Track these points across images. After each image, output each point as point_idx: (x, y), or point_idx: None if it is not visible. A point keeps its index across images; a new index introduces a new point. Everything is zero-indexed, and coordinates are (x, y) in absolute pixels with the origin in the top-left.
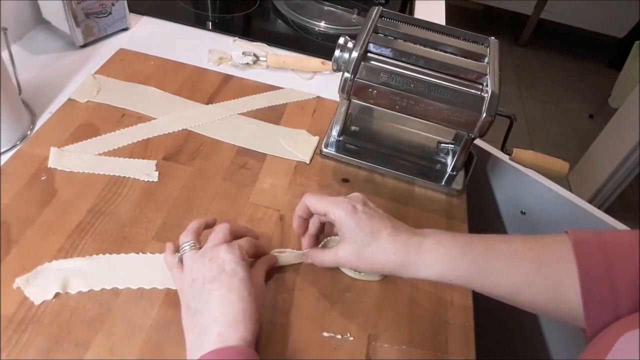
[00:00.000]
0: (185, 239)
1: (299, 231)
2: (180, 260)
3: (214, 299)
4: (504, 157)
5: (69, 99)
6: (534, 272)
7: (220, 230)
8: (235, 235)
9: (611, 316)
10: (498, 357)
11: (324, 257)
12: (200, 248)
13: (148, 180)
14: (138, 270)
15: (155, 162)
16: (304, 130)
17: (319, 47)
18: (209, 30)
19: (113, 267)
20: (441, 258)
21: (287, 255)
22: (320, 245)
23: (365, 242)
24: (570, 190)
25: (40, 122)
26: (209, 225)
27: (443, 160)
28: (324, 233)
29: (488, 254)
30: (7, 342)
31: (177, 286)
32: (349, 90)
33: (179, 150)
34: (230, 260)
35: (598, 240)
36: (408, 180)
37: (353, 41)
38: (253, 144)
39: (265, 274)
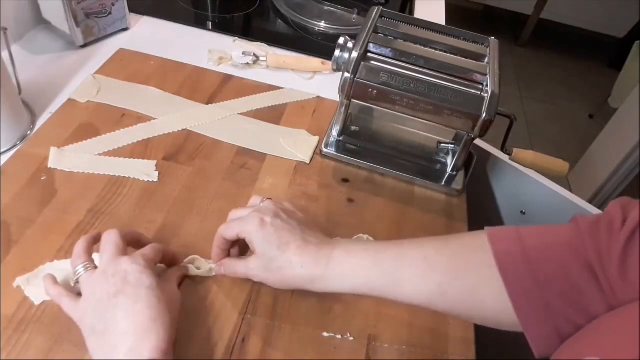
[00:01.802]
0: (78, 262)
1: (215, 260)
2: (75, 286)
3: (120, 313)
4: (504, 157)
5: (69, 99)
6: (447, 280)
7: (109, 241)
8: (128, 240)
9: (542, 310)
10: (498, 357)
11: (236, 267)
12: (96, 267)
13: (148, 180)
14: None
15: (155, 162)
16: (304, 130)
17: (319, 47)
18: (209, 30)
19: None
20: (351, 271)
21: (199, 266)
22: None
23: (274, 256)
24: (570, 190)
25: (40, 122)
26: (97, 240)
27: (443, 160)
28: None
29: (398, 263)
30: (7, 342)
31: (75, 316)
32: (349, 90)
33: (179, 150)
34: (134, 270)
35: (516, 237)
36: (408, 180)
37: (353, 41)
38: (253, 144)
39: (179, 281)
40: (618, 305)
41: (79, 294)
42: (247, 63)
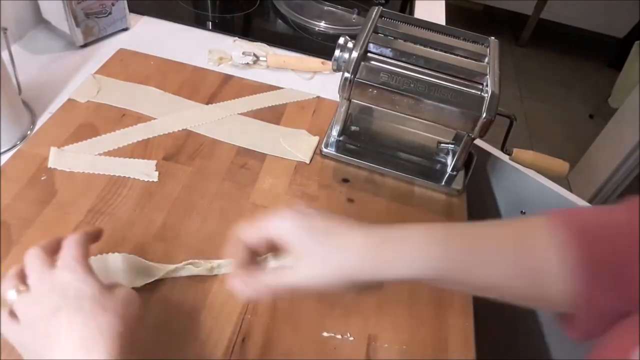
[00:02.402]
0: (9, 285)
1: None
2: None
3: (63, 330)
4: (504, 157)
5: (69, 99)
6: (515, 263)
7: (31, 257)
8: (50, 250)
9: (614, 303)
10: (498, 357)
11: (277, 280)
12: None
13: (148, 180)
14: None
15: (155, 162)
16: (304, 130)
17: (319, 47)
18: (209, 30)
19: (113, 266)
20: (410, 254)
21: (220, 265)
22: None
23: (323, 242)
24: (570, 190)
25: (40, 122)
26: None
27: (443, 160)
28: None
29: (468, 247)
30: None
31: (17, 342)
32: (349, 90)
33: (179, 150)
34: (73, 280)
35: (579, 214)
36: (408, 180)
37: (353, 41)
38: (253, 144)
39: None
40: None
41: None
42: (247, 63)
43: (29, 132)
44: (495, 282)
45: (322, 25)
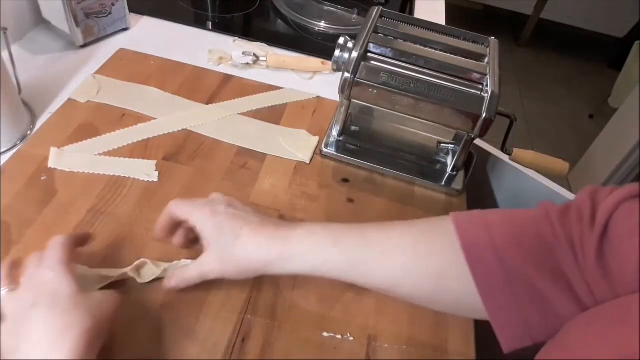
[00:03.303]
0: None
1: (159, 234)
2: None
3: (34, 326)
4: (504, 157)
5: (69, 99)
6: (411, 262)
7: (33, 258)
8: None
9: (510, 301)
10: (498, 357)
11: (187, 272)
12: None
13: (148, 180)
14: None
15: (155, 162)
16: (304, 130)
17: (319, 47)
18: (209, 30)
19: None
20: (310, 251)
21: (146, 272)
22: (178, 267)
23: (227, 242)
24: (570, 190)
25: (40, 122)
26: (19, 264)
27: (443, 160)
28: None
29: (361, 243)
30: None
31: (2, 341)
32: (349, 90)
33: (179, 150)
34: (52, 278)
35: (484, 225)
36: (408, 180)
37: (353, 41)
38: (253, 144)
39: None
40: (592, 298)
41: None
42: (247, 63)
43: (29, 132)
44: (394, 279)
45: (322, 25)
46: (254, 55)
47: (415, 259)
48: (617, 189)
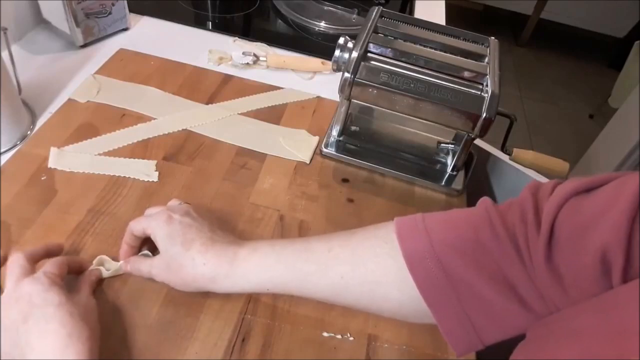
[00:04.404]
0: None
1: (121, 257)
2: None
3: (33, 337)
4: (504, 157)
5: (69, 99)
6: (350, 271)
7: (13, 263)
8: (36, 260)
9: (455, 307)
10: (498, 357)
11: (140, 265)
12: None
13: (148, 180)
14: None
15: (155, 162)
16: (304, 130)
17: (319, 47)
18: (209, 30)
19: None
20: (254, 268)
21: (109, 267)
22: (139, 254)
23: (176, 253)
24: None
25: (40, 122)
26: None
27: (443, 160)
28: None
29: (303, 257)
30: None
31: (3, 348)
32: (349, 90)
33: (179, 150)
34: (39, 290)
35: (424, 231)
36: (408, 180)
37: (353, 41)
38: (253, 144)
39: (93, 288)
40: (541, 302)
41: None
42: (247, 63)
43: (29, 132)
44: (336, 289)
45: (322, 25)
46: (254, 55)
47: (354, 268)
48: (559, 184)
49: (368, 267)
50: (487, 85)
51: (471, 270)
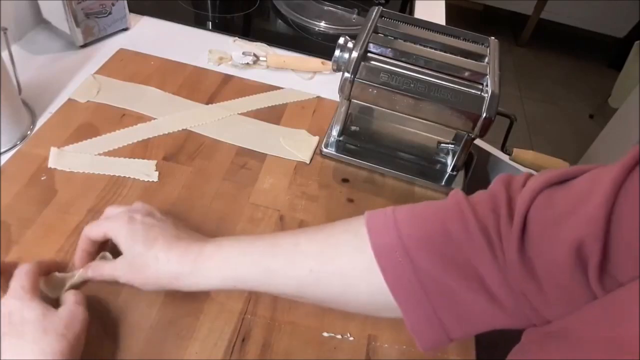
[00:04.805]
0: None
1: (79, 265)
2: None
3: (8, 354)
4: (504, 157)
5: (69, 99)
6: (318, 265)
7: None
8: (7, 277)
9: (422, 301)
10: (498, 357)
11: (101, 269)
12: None
13: (148, 180)
14: None
15: (155, 162)
16: (304, 130)
17: (319, 47)
18: (209, 30)
19: None
20: (219, 264)
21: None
22: (98, 258)
23: (139, 252)
24: None
25: (40, 122)
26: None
27: (443, 160)
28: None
29: (269, 252)
30: None
31: None
32: (349, 90)
33: (179, 150)
34: (17, 307)
35: (394, 226)
36: (408, 180)
37: (353, 41)
38: (253, 144)
39: (80, 297)
40: (510, 297)
41: None
42: (247, 63)
43: (29, 132)
44: (304, 285)
45: (322, 25)
46: (254, 55)
47: (322, 263)
48: (531, 177)
49: (336, 261)
50: (487, 85)
51: (439, 264)
